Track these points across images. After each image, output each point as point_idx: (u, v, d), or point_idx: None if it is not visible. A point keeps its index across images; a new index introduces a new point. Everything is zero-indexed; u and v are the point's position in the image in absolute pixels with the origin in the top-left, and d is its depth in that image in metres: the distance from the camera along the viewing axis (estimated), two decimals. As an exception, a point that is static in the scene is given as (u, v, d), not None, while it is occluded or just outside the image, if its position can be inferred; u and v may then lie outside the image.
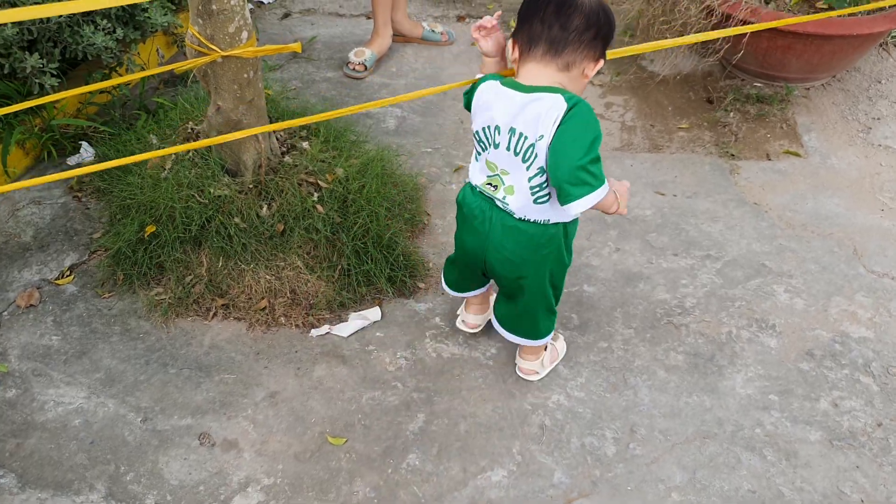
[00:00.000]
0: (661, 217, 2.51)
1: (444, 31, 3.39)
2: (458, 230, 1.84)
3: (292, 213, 2.18)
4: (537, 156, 1.54)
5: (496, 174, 1.64)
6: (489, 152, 1.63)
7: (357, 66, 3.17)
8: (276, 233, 2.17)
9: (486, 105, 1.60)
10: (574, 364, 2.05)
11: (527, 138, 1.54)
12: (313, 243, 2.20)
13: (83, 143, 2.66)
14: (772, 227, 2.48)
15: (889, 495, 1.76)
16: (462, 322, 2.10)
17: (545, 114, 1.50)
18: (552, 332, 1.92)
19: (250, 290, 2.17)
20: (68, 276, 2.28)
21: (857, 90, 3.10)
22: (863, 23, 2.76)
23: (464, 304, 2.11)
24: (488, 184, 1.67)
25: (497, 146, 1.60)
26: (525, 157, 1.56)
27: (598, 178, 1.52)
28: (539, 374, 2.01)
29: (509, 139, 1.57)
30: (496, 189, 1.65)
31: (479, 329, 2.09)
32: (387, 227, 2.26)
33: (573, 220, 1.72)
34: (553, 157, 1.51)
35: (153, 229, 2.17)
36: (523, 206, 1.64)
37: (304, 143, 2.39)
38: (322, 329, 2.12)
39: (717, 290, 2.26)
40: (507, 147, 1.58)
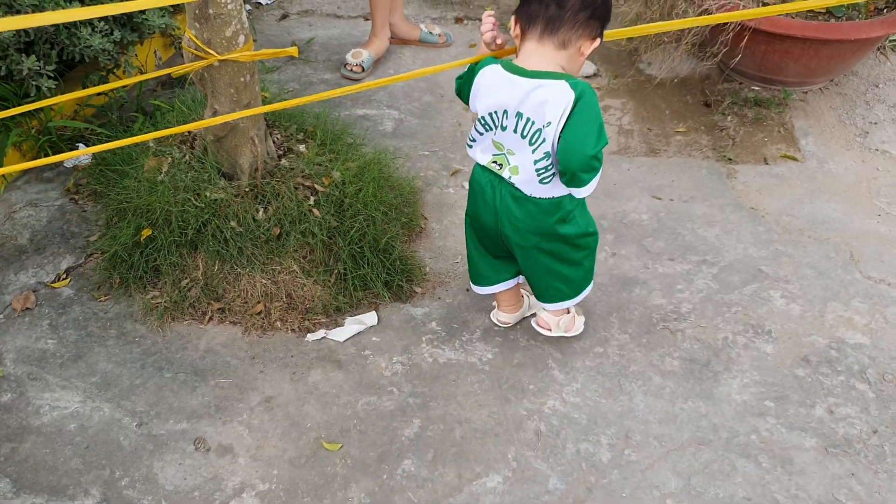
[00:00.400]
0: (658, 221, 2.51)
1: (442, 32, 3.39)
2: (471, 207, 1.90)
3: (288, 217, 2.18)
4: (545, 140, 1.63)
5: (502, 153, 1.72)
6: (495, 133, 1.70)
7: (354, 68, 3.16)
8: (272, 237, 2.17)
9: (491, 89, 1.67)
10: (570, 369, 2.05)
11: (534, 123, 1.62)
12: (309, 247, 2.20)
13: (80, 145, 2.66)
14: (768, 231, 2.48)
15: (884, 503, 1.76)
16: (496, 317, 2.16)
17: (552, 101, 1.58)
18: (586, 289, 1.99)
19: (246, 294, 2.16)
20: (64, 279, 2.28)
21: (854, 94, 3.10)
22: (860, 27, 2.76)
23: (496, 303, 2.15)
24: (493, 162, 1.75)
25: (504, 129, 1.67)
26: (531, 141, 1.65)
27: (601, 160, 1.64)
28: (552, 332, 2.09)
29: (516, 123, 1.64)
30: (501, 168, 1.74)
31: (510, 325, 2.16)
32: (383, 232, 2.26)
33: None
34: (565, 148, 1.60)
35: (149, 233, 2.17)
36: (528, 184, 1.72)
37: (301, 147, 2.39)
38: (318, 334, 2.12)
39: (713, 296, 2.26)
40: (513, 130, 1.66)
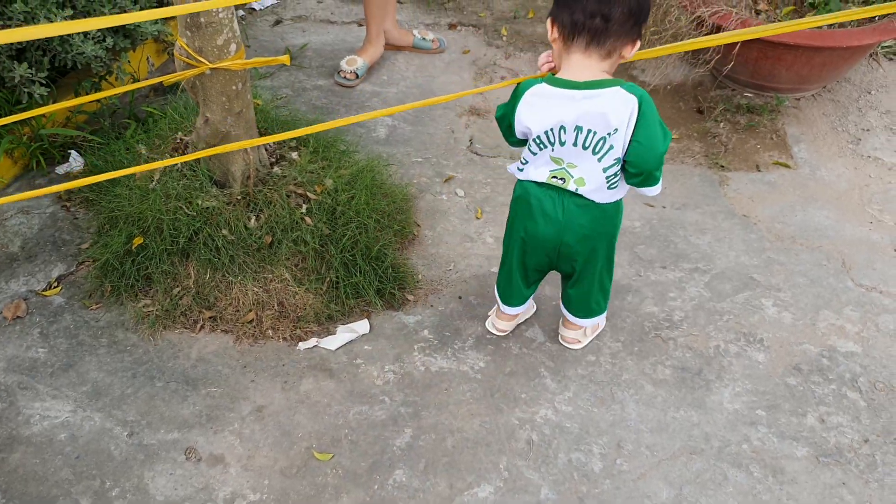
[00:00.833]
0: (650, 229, 2.51)
1: (436, 38, 3.39)
2: (522, 222, 1.86)
3: (280, 225, 2.17)
4: (612, 147, 1.63)
5: (562, 167, 1.72)
6: (553, 149, 1.70)
7: (348, 75, 3.16)
8: (264, 245, 2.17)
9: (542, 108, 1.66)
10: (562, 378, 2.05)
11: (596, 133, 1.62)
12: (301, 255, 2.19)
13: (72, 152, 2.65)
14: (760, 239, 2.49)
15: (874, 512, 1.77)
16: (492, 325, 2.16)
17: (614, 109, 1.58)
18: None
19: (238, 302, 2.16)
20: (56, 287, 2.27)
21: (847, 101, 3.11)
22: (852, 35, 2.77)
23: (494, 312, 2.17)
24: (553, 177, 1.74)
25: (563, 143, 1.67)
26: (596, 150, 1.65)
27: None
28: (581, 343, 2.12)
29: (576, 136, 1.64)
30: (565, 182, 1.73)
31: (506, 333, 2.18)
32: (376, 239, 2.26)
33: None
34: (640, 151, 1.62)
35: (141, 241, 2.16)
36: (596, 192, 1.73)
37: (294, 154, 2.39)
38: (310, 342, 2.12)
39: (705, 304, 2.26)
40: (573, 143, 1.66)
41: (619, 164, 1.68)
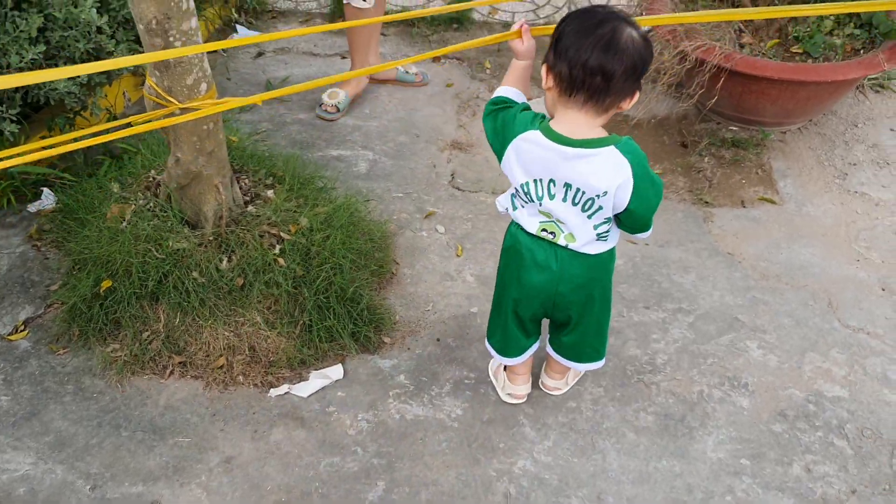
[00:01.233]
0: (633, 267, 2.47)
1: (419, 72, 3.36)
2: (514, 273, 1.79)
3: (252, 267, 2.12)
4: (602, 208, 1.57)
5: (552, 221, 1.66)
6: (542, 203, 1.63)
7: (330, 108, 3.12)
8: (235, 287, 2.11)
9: (533, 159, 1.58)
10: (542, 426, 1.99)
11: (584, 193, 1.56)
12: (274, 298, 2.14)
13: (44, 190, 2.59)
14: (745, 277, 2.44)
15: (863, 568, 1.71)
16: (509, 395, 2.05)
17: (605, 171, 1.52)
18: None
19: (208, 346, 2.10)
20: (23, 330, 2.21)
21: (833, 134, 3.08)
22: (837, 69, 2.74)
23: (505, 376, 2.06)
24: (543, 230, 1.68)
25: (553, 197, 1.61)
26: (585, 208, 1.59)
27: None
28: (562, 391, 2.07)
29: (565, 192, 1.58)
30: (555, 236, 1.68)
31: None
32: (351, 280, 2.20)
33: None
34: (636, 216, 1.58)
35: (109, 284, 2.11)
36: (586, 245, 1.67)
37: (269, 192, 2.34)
38: (281, 389, 2.06)
39: (688, 346, 2.21)
40: (563, 199, 1.60)
41: (610, 221, 1.64)
